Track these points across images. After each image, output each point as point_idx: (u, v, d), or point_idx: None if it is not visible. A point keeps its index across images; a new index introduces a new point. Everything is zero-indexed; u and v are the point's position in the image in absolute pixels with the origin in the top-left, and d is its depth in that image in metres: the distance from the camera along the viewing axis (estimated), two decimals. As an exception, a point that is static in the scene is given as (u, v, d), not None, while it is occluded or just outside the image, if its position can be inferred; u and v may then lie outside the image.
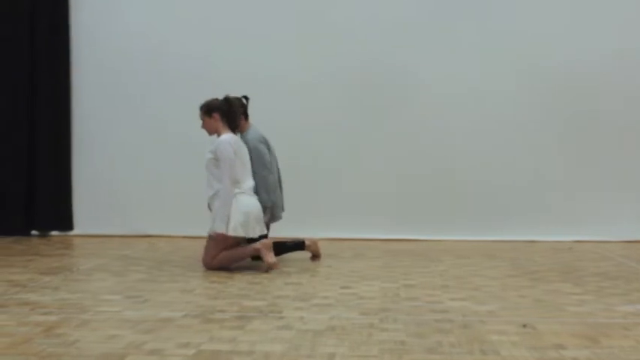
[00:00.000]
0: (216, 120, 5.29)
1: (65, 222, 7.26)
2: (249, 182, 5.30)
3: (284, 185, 5.83)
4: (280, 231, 7.15)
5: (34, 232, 7.29)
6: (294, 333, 3.37)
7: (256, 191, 5.36)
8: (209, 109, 5.30)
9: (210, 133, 5.35)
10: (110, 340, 3.21)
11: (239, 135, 5.44)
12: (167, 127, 7.14)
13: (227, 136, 5.23)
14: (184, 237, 6.88)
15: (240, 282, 4.70)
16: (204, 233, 5.30)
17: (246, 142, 5.39)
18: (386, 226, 7.09)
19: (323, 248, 6.36)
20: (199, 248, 6.37)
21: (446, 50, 7.13)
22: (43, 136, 7.25)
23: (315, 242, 5.83)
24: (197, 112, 5.36)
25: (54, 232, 7.27)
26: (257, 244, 5.19)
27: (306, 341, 3.22)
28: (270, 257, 5.16)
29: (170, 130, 7.12)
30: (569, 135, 7.11)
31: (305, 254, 5.84)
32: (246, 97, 5.56)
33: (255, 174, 5.37)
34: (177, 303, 4.02)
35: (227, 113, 5.30)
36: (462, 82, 7.12)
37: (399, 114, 7.17)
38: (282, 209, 5.73)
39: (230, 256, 5.22)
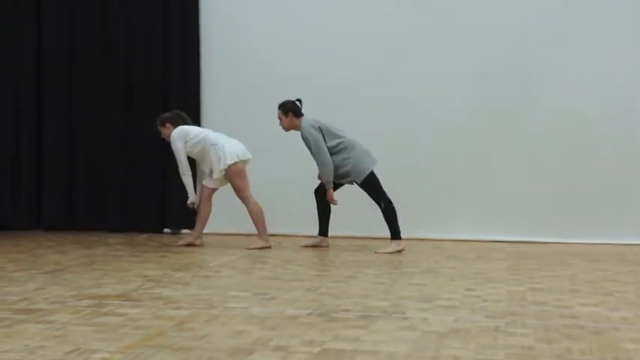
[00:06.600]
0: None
1: (195, 221, 7.53)
2: None
3: None
4: (409, 231, 7.02)
5: (166, 229, 7.64)
6: (418, 334, 3.35)
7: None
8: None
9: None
10: (238, 336, 3.31)
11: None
12: (294, 133, 7.25)
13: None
14: (307, 236, 6.99)
15: (363, 282, 4.72)
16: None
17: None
18: (511, 228, 6.92)
19: (446, 249, 6.30)
20: (321, 250, 6.45)
21: (577, 47, 6.89)
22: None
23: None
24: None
25: (184, 231, 7.57)
26: None
27: (431, 343, 3.20)
28: None
29: (297, 135, 7.23)
30: None
31: (432, 254, 5.79)
32: (299, 100, 6.41)
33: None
34: (302, 301, 4.09)
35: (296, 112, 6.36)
36: (594, 79, 6.84)
37: (527, 114, 6.97)
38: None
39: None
